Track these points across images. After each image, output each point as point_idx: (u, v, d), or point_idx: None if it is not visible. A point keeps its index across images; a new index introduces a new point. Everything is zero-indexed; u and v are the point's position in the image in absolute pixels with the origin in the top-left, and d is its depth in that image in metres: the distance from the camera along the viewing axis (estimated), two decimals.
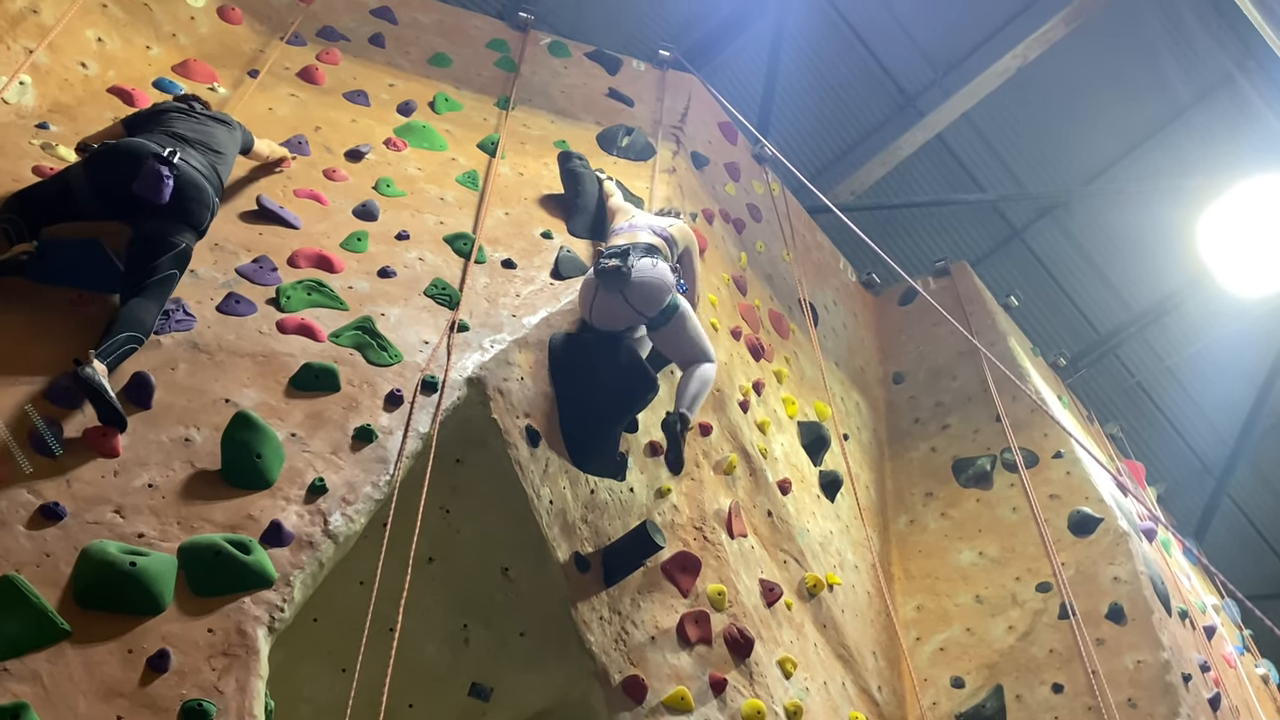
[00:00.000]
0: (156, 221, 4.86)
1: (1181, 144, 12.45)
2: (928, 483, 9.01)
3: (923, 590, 8.24)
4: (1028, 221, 13.38)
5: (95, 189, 4.90)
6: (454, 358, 5.36)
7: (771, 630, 6.45)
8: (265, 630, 4.08)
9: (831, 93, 12.95)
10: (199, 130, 5.32)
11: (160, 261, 4.79)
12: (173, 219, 4.89)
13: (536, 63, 8.92)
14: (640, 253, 6.00)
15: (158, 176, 4.81)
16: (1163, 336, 13.58)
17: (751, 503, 7.01)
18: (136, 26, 6.87)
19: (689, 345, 6.12)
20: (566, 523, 5.62)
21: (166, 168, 4.85)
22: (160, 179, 4.82)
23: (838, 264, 10.55)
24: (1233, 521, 14.18)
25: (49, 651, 3.74)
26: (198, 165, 5.04)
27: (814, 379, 8.69)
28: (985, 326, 9.98)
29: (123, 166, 4.86)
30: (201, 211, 5.01)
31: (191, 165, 5.00)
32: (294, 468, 4.57)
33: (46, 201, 4.95)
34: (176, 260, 4.86)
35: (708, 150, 9.03)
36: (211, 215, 5.11)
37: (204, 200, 5.02)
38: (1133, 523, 8.35)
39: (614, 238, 6.31)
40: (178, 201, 4.89)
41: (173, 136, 5.14)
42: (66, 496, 4.13)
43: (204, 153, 5.18)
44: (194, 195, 4.96)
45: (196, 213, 4.98)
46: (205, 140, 5.28)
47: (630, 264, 5.88)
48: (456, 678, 5.57)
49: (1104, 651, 7.36)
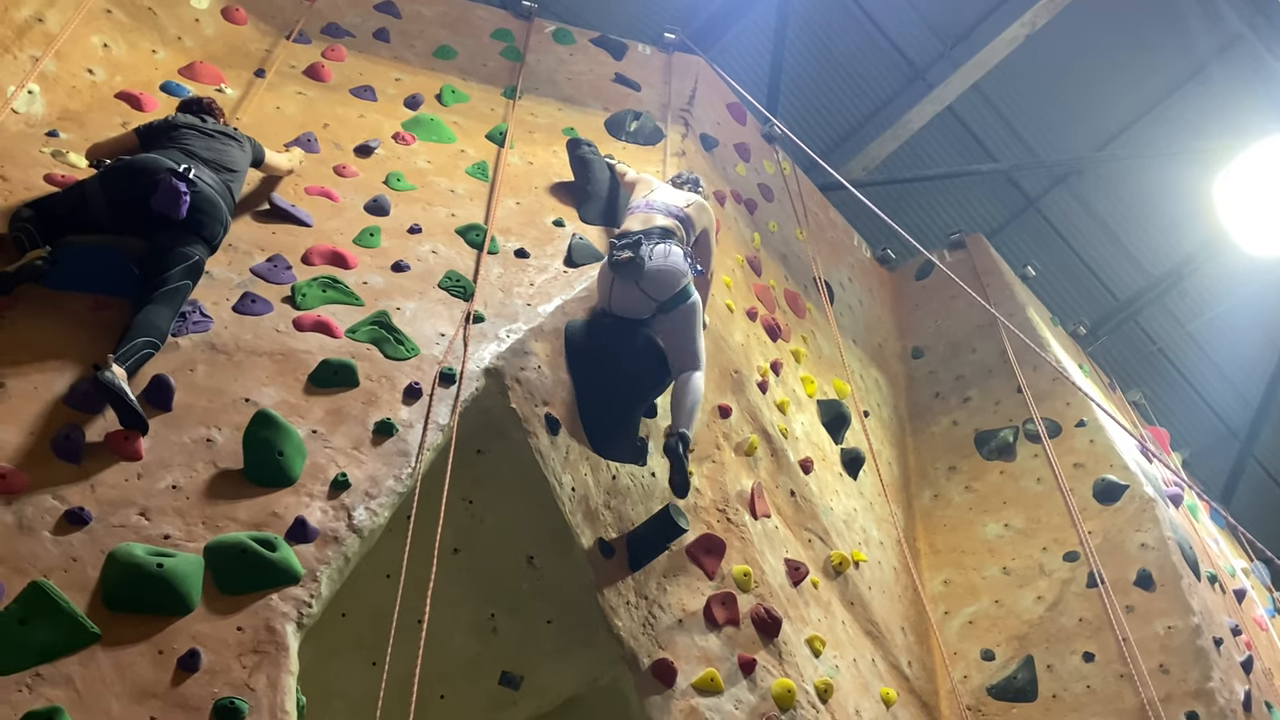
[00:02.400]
0: (171, 235, 4.94)
1: (1195, 106, 12.35)
2: (950, 456, 8.98)
3: (949, 564, 8.23)
4: (1042, 190, 13.30)
5: (111, 204, 4.98)
6: (471, 349, 5.36)
7: (799, 609, 6.45)
8: (294, 626, 4.09)
9: (839, 69, 12.89)
10: (213, 149, 5.39)
11: (173, 271, 4.85)
12: (187, 232, 4.98)
13: (542, 51, 8.90)
14: (654, 240, 5.98)
15: (175, 192, 4.91)
16: (1182, 301, 13.50)
17: (774, 483, 7.00)
18: (142, 31, 6.88)
19: (687, 341, 6.02)
20: (589, 509, 5.62)
21: (184, 184, 4.95)
22: (178, 195, 4.91)
23: (852, 241, 10.52)
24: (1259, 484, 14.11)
25: (80, 655, 3.77)
26: (212, 183, 5.14)
27: (832, 357, 8.67)
28: (1003, 298, 9.94)
29: (141, 182, 4.95)
30: (215, 226, 5.11)
31: (206, 182, 5.10)
32: (316, 464, 4.58)
33: (62, 213, 5.00)
34: (189, 271, 4.92)
35: (717, 132, 9.01)
36: (224, 231, 5.21)
37: (218, 216, 5.12)
38: (1158, 489, 8.31)
39: (629, 218, 6.26)
40: (193, 216, 4.99)
41: (188, 154, 5.22)
42: (91, 501, 4.15)
43: (218, 170, 5.28)
44: (209, 210, 5.06)
45: (210, 227, 5.07)
46: (219, 159, 5.35)
47: (643, 254, 5.87)
48: (486, 667, 5.59)
49: (1134, 619, 7.34)
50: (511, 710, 5.66)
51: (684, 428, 5.74)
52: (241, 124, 6.56)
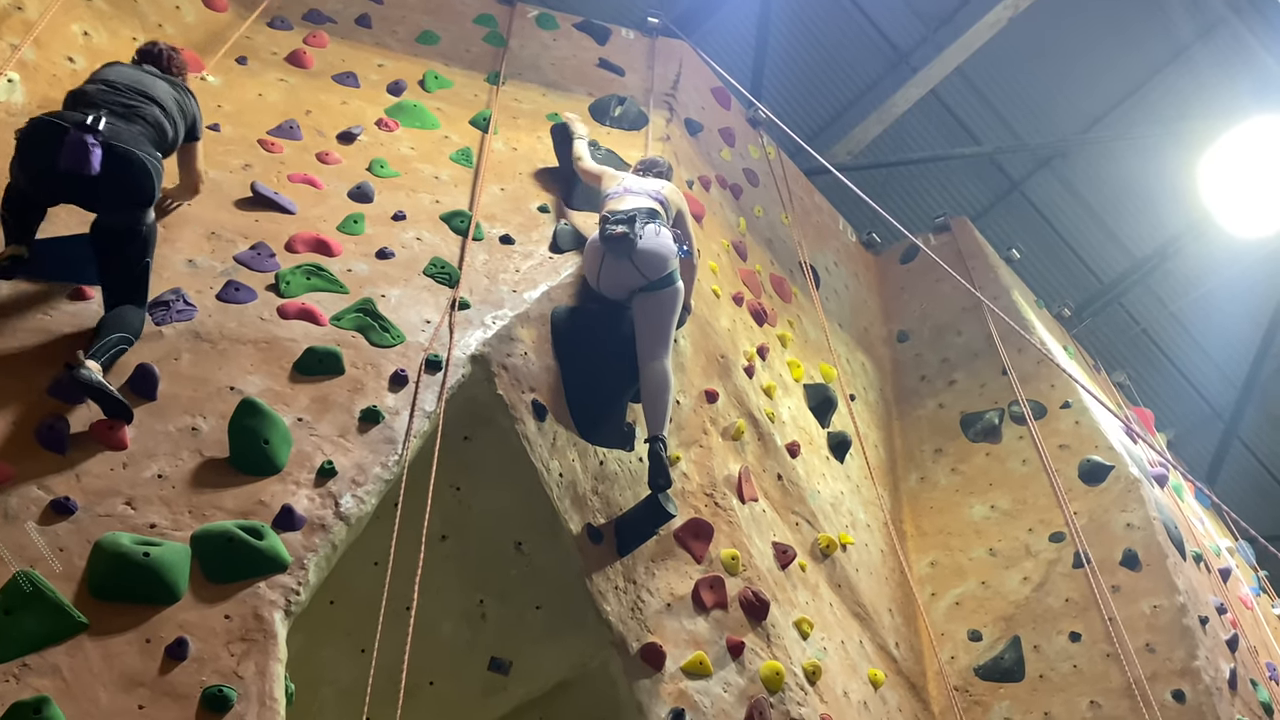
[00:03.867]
0: (110, 211, 4.63)
1: (1179, 88, 12.37)
2: (937, 439, 9.01)
3: (936, 546, 8.26)
4: (1026, 173, 13.32)
5: (30, 177, 4.60)
6: (456, 336, 5.35)
7: (787, 592, 6.47)
8: (282, 614, 4.09)
9: (823, 53, 12.87)
10: (132, 79, 4.94)
11: (130, 255, 4.63)
12: (125, 205, 4.62)
13: (525, 36, 8.87)
14: (645, 218, 5.98)
15: (81, 146, 4.43)
16: (1166, 282, 13.54)
17: (761, 467, 7.02)
18: (122, 18, 6.83)
19: (665, 326, 6.00)
20: (577, 495, 5.63)
21: (91, 135, 4.46)
22: (85, 149, 4.43)
23: (837, 225, 10.52)
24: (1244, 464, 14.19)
25: (68, 645, 3.76)
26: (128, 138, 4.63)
27: (818, 341, 8.68)
28: (988, 281, 9.96)
29: (47, 144, 4.49)
30: (145, 182, 4.64)
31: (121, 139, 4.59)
32: (302, 452, 4.57)
33: (19, 199, 4.70)
34: (145, 246, 4.69)
35: (701, 116, 8.99)
36: (158, 178, 4.73)
37: (145, 169, 4.64)
38: (1143, 469, 8.35)
39: (611, 202, 6.24)
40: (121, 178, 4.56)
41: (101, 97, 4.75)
42: (77, 491, 4.14)
43: (139, 102, 4.82)
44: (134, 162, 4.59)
45: (144, 187, 4.64)
46: (136, 86, 4.90)
47: (638, 231, 5.87)
48: (475, 653, 5.60)
49: (1120, 598, 7.38)
50: (501, 696, 5.67)
51: (658, 431, 5.76)
52: (224, 112, 6.53)
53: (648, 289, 5.97)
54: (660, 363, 5.93)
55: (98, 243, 4.69)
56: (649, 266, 5.92)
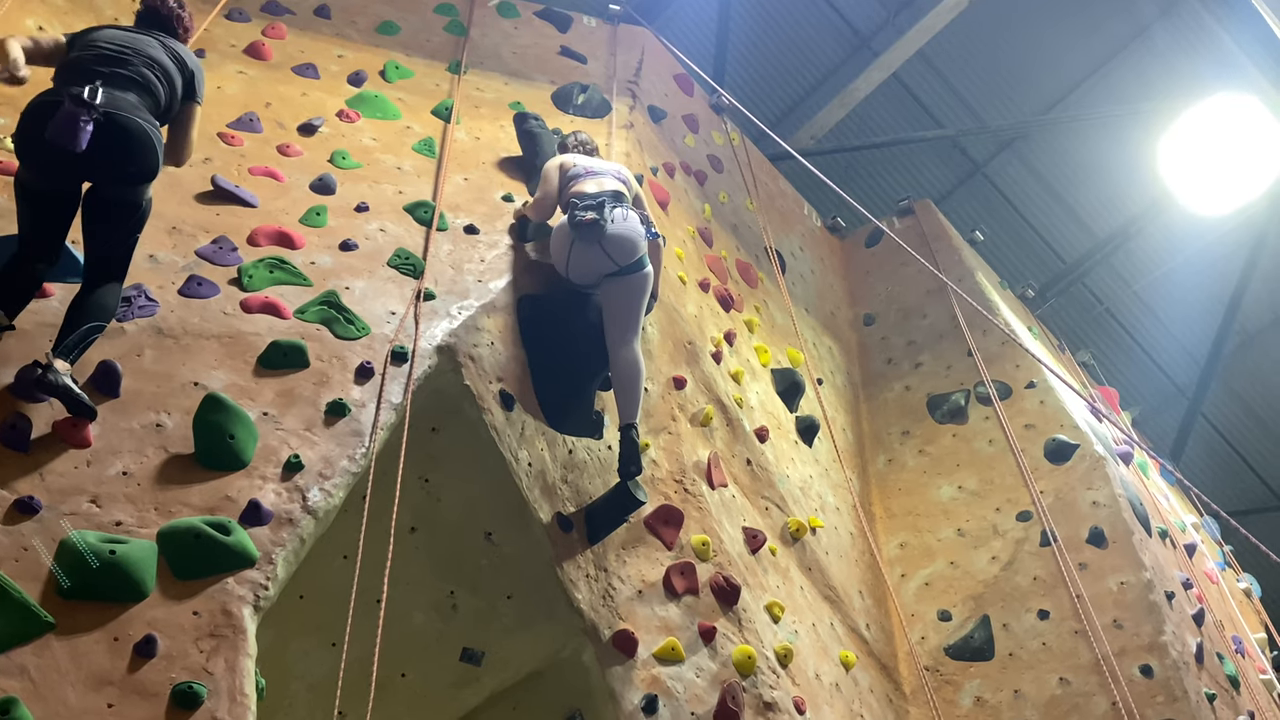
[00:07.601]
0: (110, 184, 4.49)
1: (1138, 68, 12.45)
2: (904, 421, 9.06)
3: (905, 527, 8.31)
4: (989, 156, 13.38)
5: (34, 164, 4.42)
6: (422, 327, 5.34)
7: (757, 576, 6.49)
8: (251, 609, 4.08)
9: (785, 38, 12.87)
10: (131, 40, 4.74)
11: (126, 231, 4.53)
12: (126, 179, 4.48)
13: (486, 25, 8.83)
14: (612, 202, 5.96)
15: (72, 119, 4.23)
16: (1128, 262, 13.64)
17: (730, 452, 7.04)
18: (77, 13, 6.75)
19: (635, 311, 5.98)
20: (547, 484, 5.62)
21: (84, 110, 4.27)
22: (75, 121, 4.22)
23: (802, 210, 10.55)
24: (1208, 440, 14.32)
25: (34, 645, 3.73)
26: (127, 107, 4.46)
27: (785, 326, 8.70)
28: (952, 263, 10.01)
29: (40, 126, 4.30)
30: (148, 156, 4.51)
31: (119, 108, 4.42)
32: (268, 446, 4.55)
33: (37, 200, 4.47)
34: (141, 223, 4.60)
35: (664, 103, 8.99)
36: (160, 149, 4.59)
37: (147, 141, 4.49)
38: (1109, 447, 8.43)
39: (578, 184, 6.16)
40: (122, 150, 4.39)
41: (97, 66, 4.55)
42: (41, 489, 4.11)
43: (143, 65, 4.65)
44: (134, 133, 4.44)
45: (147, 160, 4.50)
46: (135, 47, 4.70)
47: (607, 216, 5.85)
48: (447, 645, 5.58)
49: (1087, 576, 7.45)
50: (474, 686, 5.67)
51: (631, 420, 5.77)
52: None
53: (618, 274, 5.96)
54: (631, 349, 5.93)
55: (92, 215, 4.51)
56: (619, 252, 5.91)
